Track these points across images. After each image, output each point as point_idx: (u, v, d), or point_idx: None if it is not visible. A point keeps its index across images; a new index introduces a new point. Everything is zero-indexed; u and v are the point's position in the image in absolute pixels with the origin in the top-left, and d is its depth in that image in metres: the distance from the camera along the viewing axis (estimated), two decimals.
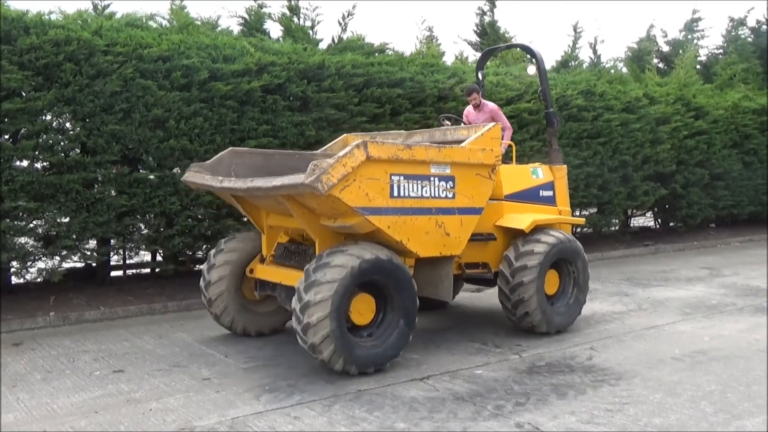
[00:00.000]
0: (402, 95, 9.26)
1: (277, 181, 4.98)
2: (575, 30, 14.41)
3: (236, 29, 9.95)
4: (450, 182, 5.52)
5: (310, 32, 10.08)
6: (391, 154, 5.11)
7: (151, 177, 7.66)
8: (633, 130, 12.04)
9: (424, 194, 5.36)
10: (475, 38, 14.96)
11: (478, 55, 14.86)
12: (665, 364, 5.51)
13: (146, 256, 8.69)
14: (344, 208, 4.96)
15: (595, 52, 14.91)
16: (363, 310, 5.26)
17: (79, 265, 8.06)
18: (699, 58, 17.75)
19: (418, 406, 4.55)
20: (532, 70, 8.35)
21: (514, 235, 6.49)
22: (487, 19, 14.74)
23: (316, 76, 8.60)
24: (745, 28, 19.25)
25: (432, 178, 5.40)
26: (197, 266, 8.84)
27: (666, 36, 19.16)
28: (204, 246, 8.12)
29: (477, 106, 7.98)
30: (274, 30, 10.14)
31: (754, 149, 14.53)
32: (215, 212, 7.96)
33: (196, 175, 5.92)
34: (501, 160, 5.99)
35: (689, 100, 13.43)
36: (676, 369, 5.38)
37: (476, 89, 7.91)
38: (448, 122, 7.55)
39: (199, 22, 8.94)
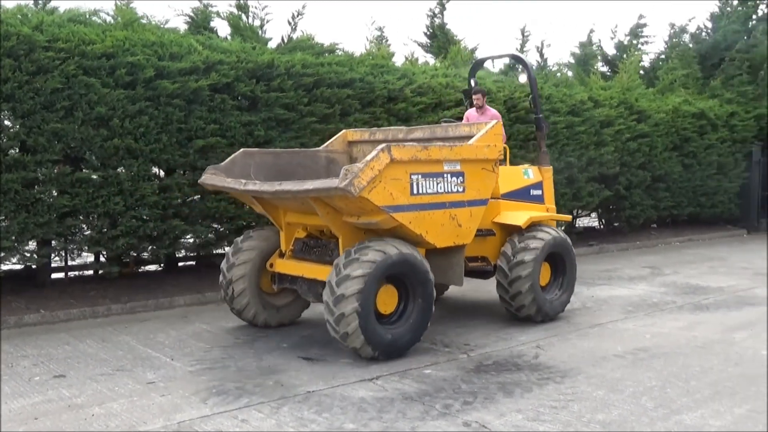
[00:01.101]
0: (352, 96, 9.25)
1: (309, 185, 5.38)
2: (523, 33, 14.66)
3: (183, 27, 9.80)
4: (460, 177, 5.98)
5: (259, 31, 9.99)
6: (411, 156, 5.53)
7: (95, 177, 7.47)
8: (578, 132, 12.30)
9: (439, 190, 5.80)
10: (425, 40, 15.06)
11: (429, 56, 15.01)
12: (608, 361, 5.65)
13: (89, 258, 8.48)
14: (372, 207, 5.35)
15: (541, 55, 15.19)
16: (387, 300, 5.66)
17: (18, 267, 7.81)
18: (642, 63, 18.25)
19: (367, 407, 4.56)
20: (523, 78, 8.78)
21: (511, 231, 7.01)
22: (437, 21, 14.85)
23: (265, 76, 8.53)
24: (686, 34, 19.89)
25: (445, 175, 5.84)
26: (142, 268, 8.67)
27: (614, 37, 19.65)
28: (150, 247, 7.96)
29: (480, 108, 8.47)
30: (222, 28, 10.09)
31: (693, 152, 15.01)
32: (161, 213, 7.82)
33: (215, 178, 6.22)
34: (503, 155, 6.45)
35: (632, 103, 13.79)
36: (618, 366, 5.52)
37: (483, 91, 8.58)
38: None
39: (145, 21, 8.77)
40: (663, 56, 19.26)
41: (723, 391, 4.89)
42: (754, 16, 19.89)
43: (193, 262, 9.03)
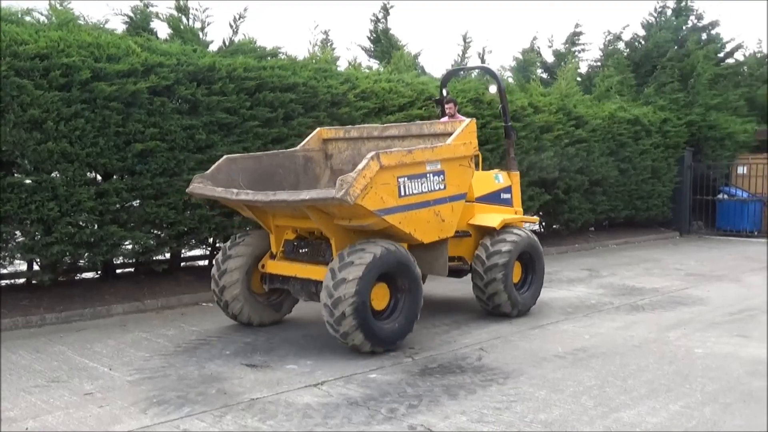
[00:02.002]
0: (295, 100, 9.19)
1: (306, 195, 5.69)
2: (465, 40, 14.84)
3: (121, 28, 9.57)
4: (441, 176, 6.33)
5: (200, 34, 9.84)
6: (398, 161, 5.85)
7: (28, 181, 7.20)
8: (519, 137, 12.51)
9: (423, 189, 6.15)
10: (369, 45, 15.10)
11: (372, 61, 15.04)
12: (549, 362, 5.76)
13: (21, 266, 8.17)
14: (365, 212, 5.65)
15: (483, 61, 15.40)
16: (380, 297, 6.00)
17: None
18: (579, 71, 18.73)
19: (312, 413, 4.53)
20: (493, 89, 9.27)
21: (485, 233, 7.45)
22: (381, 26, 14.91)
23: (206, 79, 8.40)
24: (621, 42, 20.52)
25: (428, 175, 6.19)
26: (78, 275, 8.42)
27: (552, 45, 20.11)
28: (86, 254, 7.71)
29: (452, 116, 8.81)
30: (162, 30, 9.87)
31: (628, 157, 15.46)
32: (98, 218, 7.60)
33: (204, 188, 6.43)
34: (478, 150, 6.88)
35: (570, 109, 14.12)
36: (559, 366, 5.64)
37: (455, 101, 9.09)
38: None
39: (81, 21, 8.52)
40: (599, 64, 19.83)
41: (659, 389, 5.04)
42: (684, 27, 20.71)
43: (132, 269, 8.80)
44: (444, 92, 9.13)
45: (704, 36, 21.33)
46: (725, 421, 4.40)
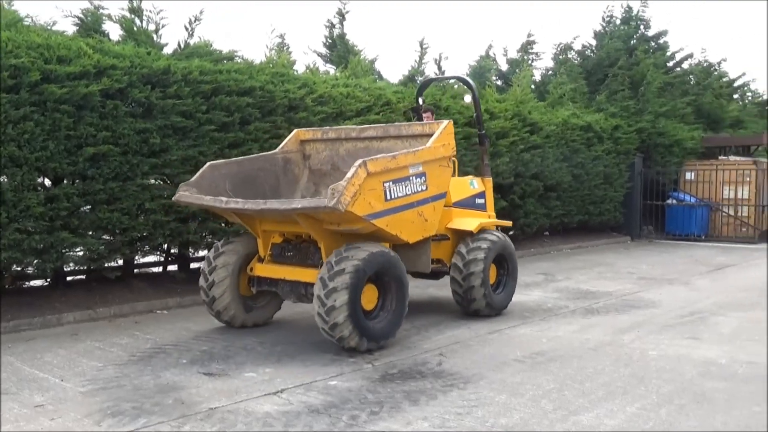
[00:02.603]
0: (252, 104, 9.10)
1: (297, 204, 5.93)
2: (421, 46, 14.92)
3: (71, 30, 9.34)
4: (423, 177, 6.60)
5: (154, 36, 9.66)
6: (383, 167, 6.08)
7: None
8: (475, 143, 12.61)
9: (407, 192, 6.40)
10: (325, 50, 15.05)
11: (329, 66, 14.99)
12: (508, 366, 5.81)
13: None
14: (355, 217, 5.87)
15: (439, 68, 15.52)
16: (370, 297, 6.23)
17: None
18: (533, 78, 19.03)
19: (273, 421, 4.47)
20: (468, 98, 9.48)
21: (462, 236, 7.72)
22: (336, 31, 14.89)
23: (161, 82, 8.25)
24: (572, 52, 20.93)
25: (411, 178, 6.44)
26: (27, 283, 8.16)
27: (506, 54, 20.39)
28: (35, 261, 7.48)
29: None
30: (114, 32, 9.63)
31: (581, 163, 15.75)
32: (48, 224, 7.38)
33: (191, 196, 6.55)
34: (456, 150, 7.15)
35: (525, 116, 14.32)
36: (518, 370, 5.69)
37: (432, 110, 9.34)
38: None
39: (29, 22, 8.28)
40: (551, 72, 20.19)
41: (615, 391, 5.13)
42: (634, 36, 21.24)
43: (83, 277, 8.57)
44: (420, 101, 9.33)
45: (653, 45, 21.94)
46: (680, 422, 4.49)
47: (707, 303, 8.87)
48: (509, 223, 8.94)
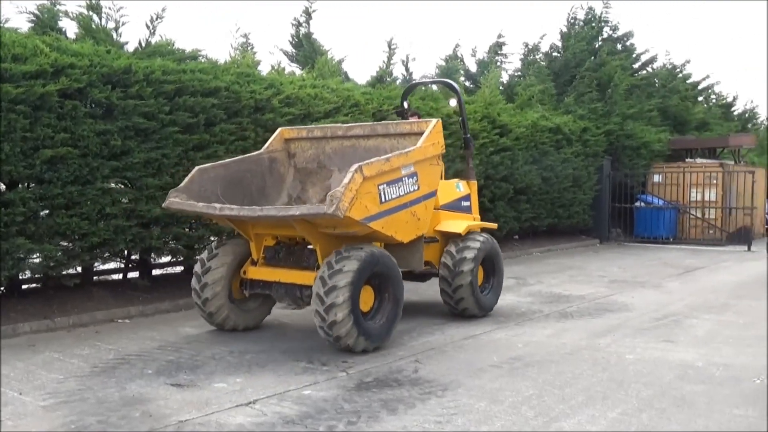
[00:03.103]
0: (217, 105, 8.97)
1: (296, 211, 6.00)
2: (390, 46, 14.91)
3: (26, 27, 9.10)
4: (414, 177, 6.75)
5: (114, 34, 9.47)
6: (378, 170, 6.22)
7: None
8: (445, 145, 12.63)
9: (401, 193, 6.56)
10: (291, 49, 14.95)
11: (295, 66, 14.91)
12: (486, 372, 5.80)
13: None
14: (352, 222, 6.00)
15: (407, 69, 15.54)
16: (366, 299, 6.43)
17: None
18: (501, 80, 19.19)
19: None
20: (453, 102, 9.61)
21: (451, 238, 7.96)
22: (303, 30, 14.80)
23: (121, 82, 8.07)
24: (539, 53, 21.16)
25: (403, 179, 6.59)
26: None
27: (475, 55, 20.51)
28: None
29: None
30: (71, 30, 9.37)
31: (550, 165, 15.91)
32: (3, 230, 7.14)
33: (183, 203, 6.64)
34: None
35: (494, 117, 14.40)
36: (496, 376, 5.68)
37: (418, 113, 9.76)
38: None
39: None
40: (519, 73, 20.39)
41: (595, 396, 5.15)
42: (600, 37, 21.56)
43: (40, 285, 8.33)
44: (405, 105, 9.44)
45: (619, 47, 22.30)
46: (662, 426, 4.52)
47: (680, 306, 9.01)
48: (495, 226, 9.11)
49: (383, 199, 6.32)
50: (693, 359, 6.23)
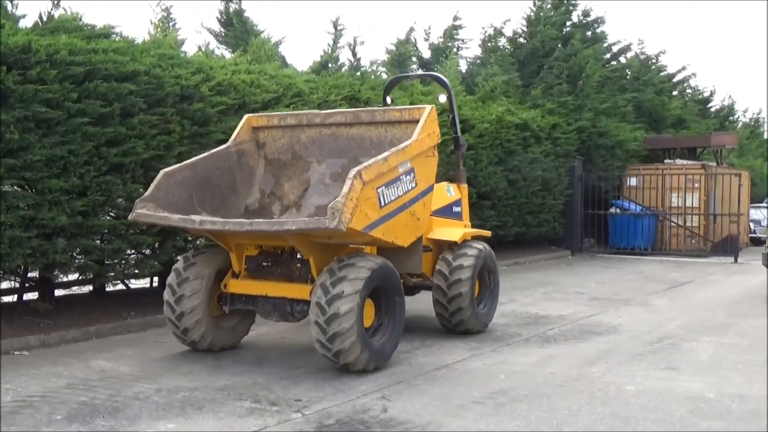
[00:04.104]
0: (135, 92, 8.56)
1: (291, 225, 6.11)
2: (335, 27, 14.69)
3: None
4: (412, 174, 6.87)
5: (9, 5, 8.96)
6: (377, 173, 6.32)
7: None
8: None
9: (399, 194, 6.68)
10: (219, 28, 14.58)
11: (225, 48, 14.53)
12: (468, 410, 5.59)
13: None
14: (353, 232, 6.10)
15: (354, 54, 15.33)
16: (368, 314, 6.58)
17: None
18: (459, 68, 19.20)
19: None
20: (443, 98, 9.74)
21: (444, 247, 8.17)
22: (233, 6, 14.44)
23: (19, 63, 7.60)
24: (502, 38, 21.28)
25: (401, 177, 6.70)
26: None
27: (428, 38, 20.48)
28: None
29: None
30: None
31: (517, 166, 15.92)
32: None
33: (152, 215, 6.66)
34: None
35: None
36: (480, 415, 5.48)
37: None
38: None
39: None
40: (480, 61, 20.45)
41: None
42: (569, 23, 21.82)
43: None
44: (388, 100, 9.68)
45: (589, 35, 22.64)
46: None
47: (673, 326, 9.03)
48: (488, 233, 9.31)
49: (382, 203, 6.44)
50: (702, 390, 6.17)
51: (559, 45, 19.82)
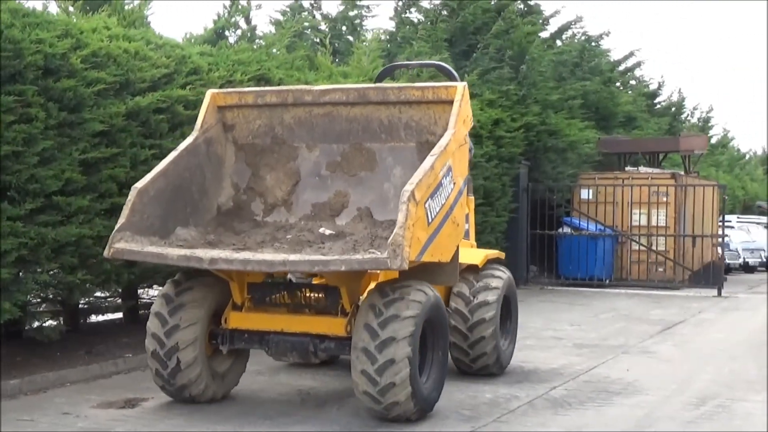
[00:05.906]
0: None
1: (340, 266, 6.22)
2: None
3: None
4: (450, 173, 7.00)
5: None
6: (426, 187, 6.49)
7: None
8: None
9: (442, 202, 6.83)
10: None
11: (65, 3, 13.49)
12: None
13: None
14: (409, 263, 6.22)
15: (248, 20, 14.75)
16: None
17: None
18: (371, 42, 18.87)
19: None
20: None
21: (463, 272, 8.33)
22: None
23: None
24: (418, 9, 21.13)
25: (442, 182, 6.83)
26: None
27: (320, 8, 20.09)
28: None
29: None
30: None
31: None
32: None
33: (138, 251, 6.72)
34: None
35: None
36: None
37: None
38: None
39: None
40: (396, 38, 20.18)
41: None
42: None
43: None
44: None
45: (521, 6, 22.84)
46: None
47: (705, 382, 9.00)
48: (502, 255, 9.52)
49: (430, 219, 6.61)
50: None
51: (499, 20, 19.74)
